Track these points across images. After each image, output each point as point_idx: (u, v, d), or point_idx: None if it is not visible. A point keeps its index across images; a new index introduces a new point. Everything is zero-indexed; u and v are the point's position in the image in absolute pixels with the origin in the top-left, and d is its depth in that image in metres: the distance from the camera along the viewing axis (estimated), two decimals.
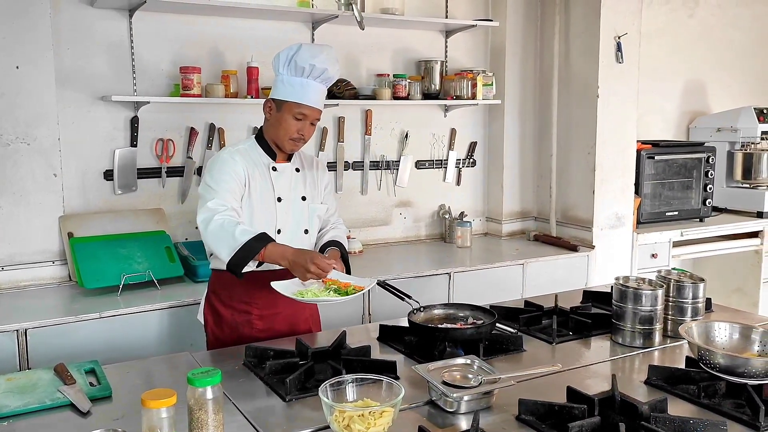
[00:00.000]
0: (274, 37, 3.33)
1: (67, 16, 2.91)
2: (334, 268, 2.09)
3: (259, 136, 2.27)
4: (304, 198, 2.29)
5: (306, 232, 2.29)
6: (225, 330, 2.24)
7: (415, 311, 2.10)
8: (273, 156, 2.25)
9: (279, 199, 2.22)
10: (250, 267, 2.04)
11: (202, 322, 2.32)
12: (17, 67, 2.78)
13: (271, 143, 2.25)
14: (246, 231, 2.01)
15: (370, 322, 2.91)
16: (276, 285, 2.01)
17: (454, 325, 2.03)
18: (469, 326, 2.01)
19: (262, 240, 2.00)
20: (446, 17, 3.77)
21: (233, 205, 2.10)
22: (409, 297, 2.17)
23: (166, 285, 2.85)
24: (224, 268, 2.18)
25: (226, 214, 2.04)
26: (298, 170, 2.30)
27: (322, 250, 2.27)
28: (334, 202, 2.46)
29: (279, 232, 2.20)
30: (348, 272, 2.21)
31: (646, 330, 2.01)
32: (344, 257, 2.25)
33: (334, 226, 2.41)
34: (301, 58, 2.11)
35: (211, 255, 2.26)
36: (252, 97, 3.18)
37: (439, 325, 2.03)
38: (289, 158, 2.29)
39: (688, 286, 2.09)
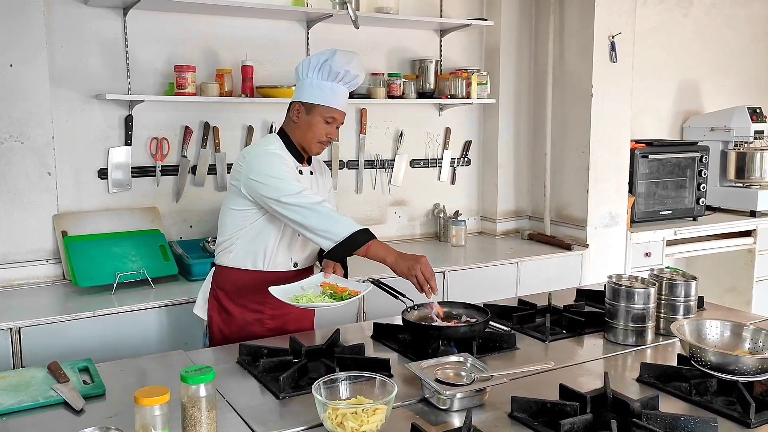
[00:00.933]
0: (268, 36, 3.34)
1: (61, 14, 2.91)
2: (333, 272, 2.12)
3: (282, 137, 2.27)
4: None
5: None
6: (233, 328, 2.24)
7: (408, 309, 2.11)
8: (300, 158, 2.27)
9: None
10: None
11: (205, 318, 2.31)
12: (11, 66, 2.78)
13: (298, 146, 2.26)
14: (353, 223, 2.06)
15: (364, 321, 2.92)
16: (273, 290, 2.02)
17: (447, 323, 2.03)
18: (463, 324, 2.02)
19: (367, 234, 2.05)
20: (441, 16, 3.77)
21: None
22: (403, 295, 2.17)
23: (160, 284, 2.85)
24: (234, 265, 2.22)
25: (327, 204, 2.08)
26: (311, 173, 2.33)
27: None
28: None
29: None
30: (346, 276, 2.23)
31: (638, 328, 2.02)
32: (343, 261, 2.26)
33: None
34: (336, 64, 2.15)
35: (221, 251, 2.26)
36: (246, 96, 3.18)
37: (433, 323, 2.03)
38: (308, 161, 2.32)
39: (680, 284, 2.10)
